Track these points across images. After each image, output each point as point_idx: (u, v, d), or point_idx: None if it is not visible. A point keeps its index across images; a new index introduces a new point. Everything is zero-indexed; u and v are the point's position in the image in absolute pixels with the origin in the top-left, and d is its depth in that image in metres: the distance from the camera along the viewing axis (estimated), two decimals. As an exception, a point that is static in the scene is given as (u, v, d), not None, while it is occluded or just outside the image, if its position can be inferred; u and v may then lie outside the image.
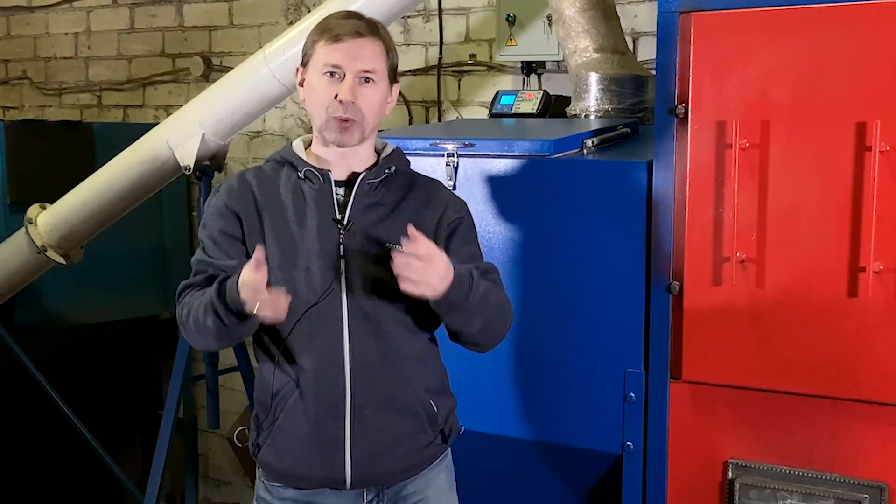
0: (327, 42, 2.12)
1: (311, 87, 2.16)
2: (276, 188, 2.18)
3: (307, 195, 2.16)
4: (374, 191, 2.17)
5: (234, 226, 2.16)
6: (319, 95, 2.14)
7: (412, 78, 4.34)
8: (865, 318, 2.19)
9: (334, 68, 2.11)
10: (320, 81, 2.13)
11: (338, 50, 2.11)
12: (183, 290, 2.19)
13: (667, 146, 2.36)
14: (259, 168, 2.25)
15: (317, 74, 2.13)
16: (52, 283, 4.10)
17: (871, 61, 2.15)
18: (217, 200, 2.20)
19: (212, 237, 2.18)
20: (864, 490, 2.26)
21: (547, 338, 2.59)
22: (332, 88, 2.12)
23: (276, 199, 2.17)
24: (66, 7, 5.35)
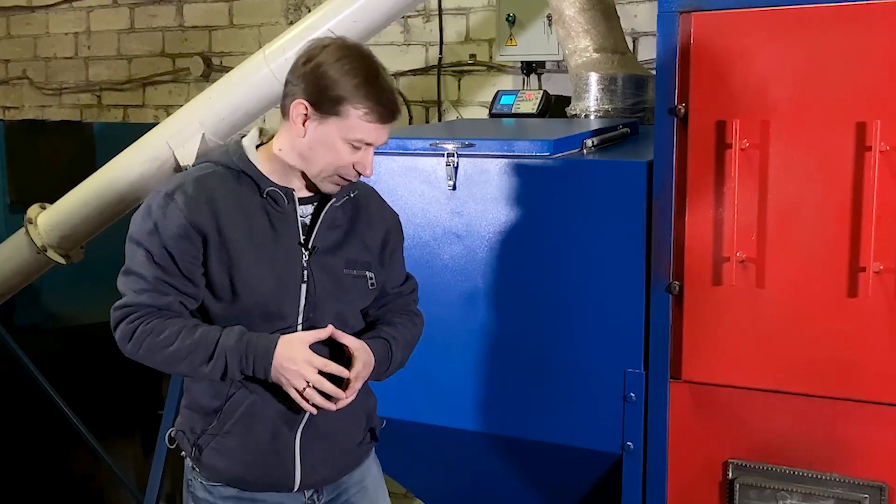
0: (372, 119, 2.03)
1: (327, 145, 2.06)
2: (237, 205, 2.09)
3: (271, 216, 2.11)
4: (333, 214, 2.18)
5: (197, 248, 2.07)
6: (338, 158, 2.07)
7: (412, 78, 4.34)
8: (865, 318, 2.19)
9: (367, 146, 2.07)
10: (343, 147, 2.06)
11: (379, 131, 2.06)
12: (134, 309, 2.10)
13: (667, 146, 2.36)
14: (215, 176, 2.12)
15: (342, 139, 2.05)
16: (52, 283, 4.09)
17: (871, 61, 2.14)
18: (178, 215, 2.06)
19: (173, 257, 2.07)
20: (864, 490, 2.26)
21: (547, 338, 2.59)
22: (352, 157, 2.07)
23: (238, 218, 2.09)
24: (66, 7, 5.35)
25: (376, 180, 2.75)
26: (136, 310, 2.10)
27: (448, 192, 2.66)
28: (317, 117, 2.05)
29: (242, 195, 2.11)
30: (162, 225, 2.07)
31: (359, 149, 2.08)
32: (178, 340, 2.07)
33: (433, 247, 2.69)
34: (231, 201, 2.09)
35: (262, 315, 2.12)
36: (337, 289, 2.18)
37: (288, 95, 2.10)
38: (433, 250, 2.69)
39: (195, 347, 2.07)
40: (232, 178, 2.12)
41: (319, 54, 2.07)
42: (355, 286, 2.22)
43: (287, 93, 2.11)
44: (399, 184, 2.72)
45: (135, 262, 2.10)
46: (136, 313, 2.10)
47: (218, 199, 2.08)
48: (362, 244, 2.23)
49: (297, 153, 2.10)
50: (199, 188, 2.09)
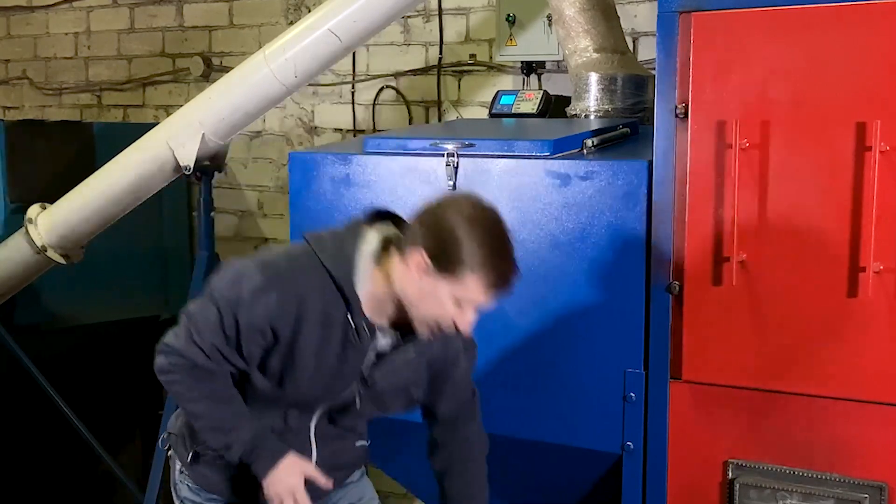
0: (489, 289, 2.04)
1: (436, 299, 2.06)
2: (322, 321, 2.11)
3: (346, 343, 2.13)
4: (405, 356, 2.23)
5: (266, 342, 2.11)
6: (442, 313, 2.08)
7: (412, 78, 4.34)
8: (865, 318, 2.19)
9: (473, 303, 2.08)
10: (451, 304, 2.06)
11: (492, 297, 2.08)
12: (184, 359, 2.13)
13: (667, 146, 2.36)
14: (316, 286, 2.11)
15: (452, 299, 2.05)
16: (52, 283, 4.09)
17: (871, 61, 2.15)
18: (263, 311, 2.07)
19: (240, 339, 2.10)
20: (864, 490, 2.26)
21: (547, 338, 2.59)
22: (454, 313, 2.08)
23: (316, 332, 2.12)
24: (66, 7, 5.34)
25: (377, 180, 2.76)
26: (181, 359, 2.13)
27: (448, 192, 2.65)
28: (433, 272, 2.03)
29: (331, 314, 2.12)
30: (246, 308, 2.08)
31: (464, 308, 2.08)
32: (205, 405, 2.15)
33: (433, 247, 2.68)
34: (318, 316, 2.11)
35: (294, 405, 2.21)
36: (377, 406, 2.27)
37: (409, 237, 2.08)
38: (433, 250, 2.69)
39: (215, 421, 2.16)
40: (331, 294, 2.11)
41: (451, 212, 2.05)
42: (397, 402, 2.30)
43: (409, 233, 2.09)
44: (399, 184, 2.72)
45: (204, 317, 2.12)
46: (181, 361, 2.13)
47: (307, 310, 2.09)
48: (419, 372, 2.26)
49: (403, 292, 2.10)
50: (295, 293, 2.09)
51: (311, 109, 4.62)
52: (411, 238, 2.07)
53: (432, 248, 2.02)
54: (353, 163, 2.79)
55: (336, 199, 2.80)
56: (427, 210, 2.09)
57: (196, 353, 2.11)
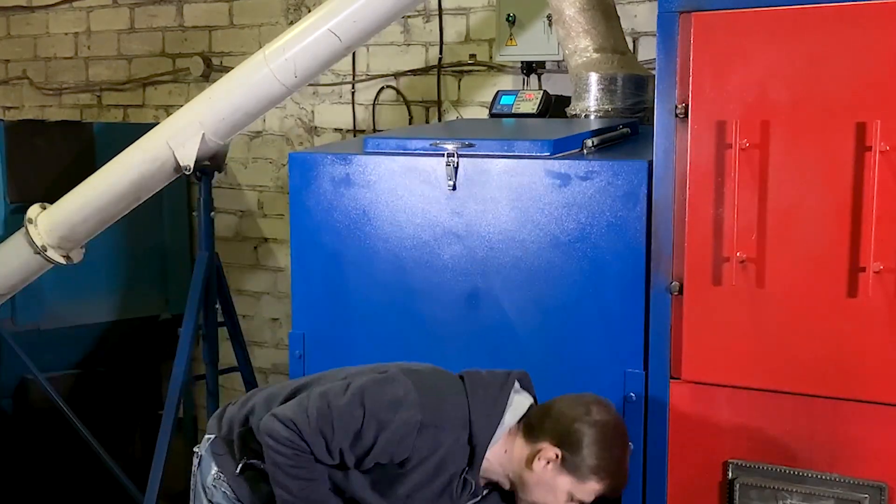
0: (604, 489, 2.20)
1: (552, 490, 2.20)
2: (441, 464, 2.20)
3: (447, 490, 2.22)
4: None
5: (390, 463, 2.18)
6: (553, 501, 2.22)
7: (412, 78, 4.34)
8: (865, 318, 2.19)
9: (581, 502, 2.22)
10: (563, 496, 2.21)
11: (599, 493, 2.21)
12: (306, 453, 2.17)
13: (667, 146, 2.36)
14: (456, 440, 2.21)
15: (568, 492, 2.20)
16: (52, 283, 4.09)
17: (871, 61, 2.14)
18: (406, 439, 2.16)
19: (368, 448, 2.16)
20: (864, 490, 2.26)
21: (547, 338, 2.59)
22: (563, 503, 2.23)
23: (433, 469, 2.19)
24: (66, 7, 5.34)
25: (377, 180, 2.76)
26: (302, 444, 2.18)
27: (448, 192, 2.66)
28: (559, 468, 2.20)
29: (448, 462, 2.21)
30: (390, 434, 2.16)
31: (572, 501, 2.22)
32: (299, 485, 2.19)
33: (433, 247, 2.69)
34: (440, 459, 2.19)
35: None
36: None
37: (539, 429, 2.23)
38: (433, 250, 2.69)
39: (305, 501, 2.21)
40: (460, 445, 2.21)
41: (583, 416, 2.21)
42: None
43: (539, 425, 2.23)
44: (399, 184, 2.72)
45: (344, 418, 2.16)
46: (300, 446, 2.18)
47: (436, 455, 2.19)
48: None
49: (521, 474, 2.23)
50: (438, 438, 2.19)
51: (311, 109, 4.62)
52: (542, 431, 2.22)
53: (564, 448, 2.18)
54: (353, 163, 2.79)
55: (336, 199, 2.80)
56: (560, 408, 2.24)
57: (319, 446, 2.16)
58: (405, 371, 2.26)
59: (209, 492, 2.35)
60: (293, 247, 2.91)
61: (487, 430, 2.22)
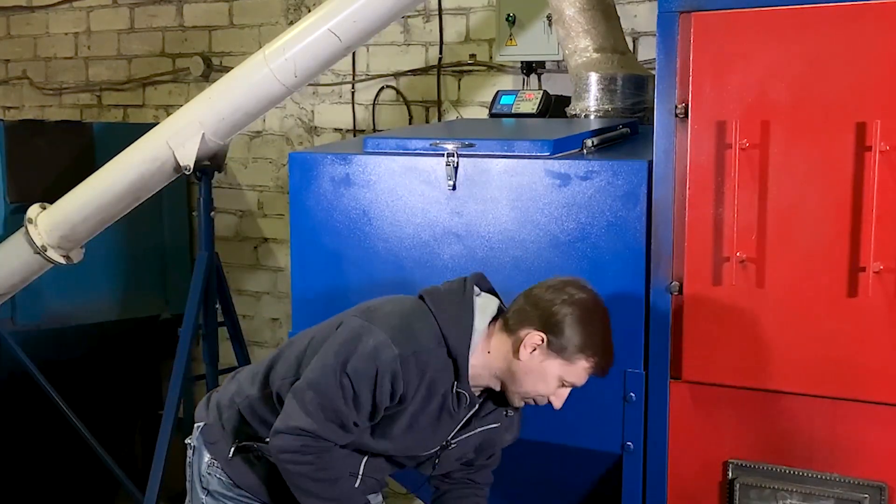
0: (592, 371, 2.22)
1: (542, 376, 2.21)
2: (431, 386, 2.21)
3: (444, 406, 2.23)
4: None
5: (392, 403, 2.19)
6: (545, 389, 2.22)
7: (412, 78, 4.34)
8: (865, 318, 2.19)
9: (573, 385, 2.23)
10: (555, 384, 2.22)
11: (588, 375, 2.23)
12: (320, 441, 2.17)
13: (667, 146, 2.36)
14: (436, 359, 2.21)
15: (558, 377, 2.21)
16: (52, 283, 4.09)
17: (871, 61, 2.14)
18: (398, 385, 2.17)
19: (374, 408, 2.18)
20: (864, 490, 2.26)
21: (547, 338, 2.58)
22: (553, 389, 2.22)
23: (424, 394, 2.21)
24: (66, 7, 5.34)
25: (377, 180, 2.76)
26: (317, 442, 2.17)
27: (448, 192, 2.65)
28: (545, 352, 2.19)
29: (436, 381, 2.21)
30: (381, 380, 2.15)
31: (564, 386, 2.22)
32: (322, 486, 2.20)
33: (433, 247, 2.69)
34: (430, 382, 2.20)
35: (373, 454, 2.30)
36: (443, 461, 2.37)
37: (521, 317, 2.22)
38: (433, 250, 2.69)
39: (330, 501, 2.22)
40: (443, 361, 2.21)
41: (563, 298, 2.21)
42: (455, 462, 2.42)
43: (522, 316, 2.22)
44: (399, 184, 2.72)
45: (336, 393, 2.15)
46: (317, 445, 2.17)
47: (424, 380, 2.19)
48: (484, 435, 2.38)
49: (509, 369, 2.23)
50: (420, 366, 2.18)
51: (311, 109, 4.62)
52: (524, 319, 2.20)
53: (550, 333, 2.18)
54: (353, 163, 2.79)
55: (336, 199, 2.80)
56: (537, 294, 2.24)
57: (335, 432, 2.17)
58: (364, 314, 2.25)
59: (204, 480, 2.34)
60: (293, 247, 2.91)
61: (463, 339, 2.20)
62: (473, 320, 2.23)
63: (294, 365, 2.28)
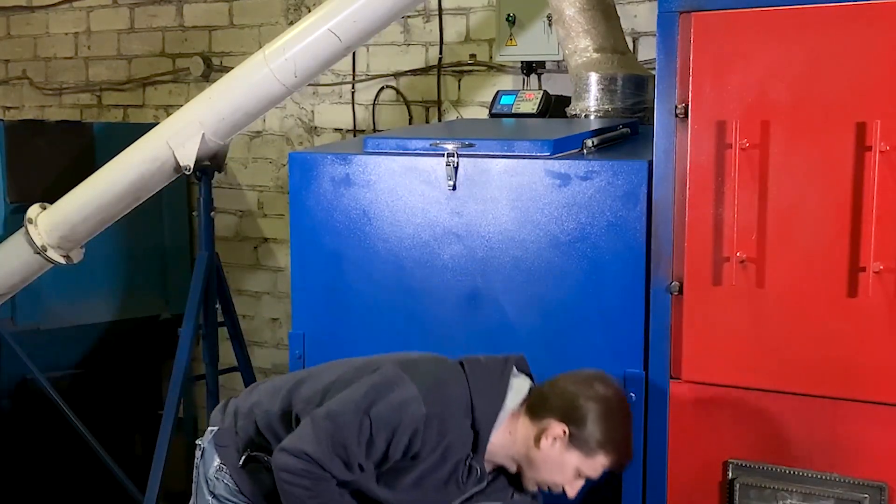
0: (612, 464, 2.24)
1: (560, 467, 2.23)
2: (447, 449, 2.20)
3: (453, 475, 2.22)
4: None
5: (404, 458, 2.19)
6: (561, 480, 2.24)
7: (412, 78, 4.34)
8: (865, 318, 2.19)
9: (588, 477, 2.25)
10: (571, 473, 2.23)
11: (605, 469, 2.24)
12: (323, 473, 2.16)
13: (667, 146, 2.36)
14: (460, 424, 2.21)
15: (573, 467, 2.22)
16: (52, 283, 4.09)
17: (871, 61, 2.14)
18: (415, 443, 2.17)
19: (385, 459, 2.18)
20: (864, 490, 2.26)
21: (547, 338, 2.59)
22: (569, 480, 2.23)
23: (438, 456, 2.20)
24: (66, 7, 5.34)
25: (377, 180, 2.76)
26: (320, 471, 2.16)
27: (448, 192, 2.66)
28: (566, 444, 2.21)
29: (457, 448, 2.21)
30: (400, 434, 2.16)
31: (580, 478, 2.24)
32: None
33: (433, 247, 2.69)
34: (446, 445, 2.20)
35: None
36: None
37: (548, 409, 2.24)
38: (433, 250, 2.69)
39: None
40: (466, 431, 2.22)
41: (588, 392, 2.24)
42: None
43: (544, 403, 2.25)
44: (399, 184, 2.72)
45: (352, 431, 2.15)
46: (318, 474, 2.16)
47: (442, 444, 2.20)
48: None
49: (528, 455, 2.24)
50: (443, 430, 2.19)
51: (311, 109, 4.62)
52: (549, 408, 2.23)
53: (570, 424, 2.20)
54: (353, 163, 2.79)
55: (336, 199, 2.80)
56: (563, 385, 2.27)
57: (338, 468, 2.16)
58: (402, 365, 2.26)
59: (211, 483, 2.34)
60: (293, 247, 2.91)
61: (490, 415, 2.23)
62: (505, 399, 2.26)
63: (320, 392, 2.29)
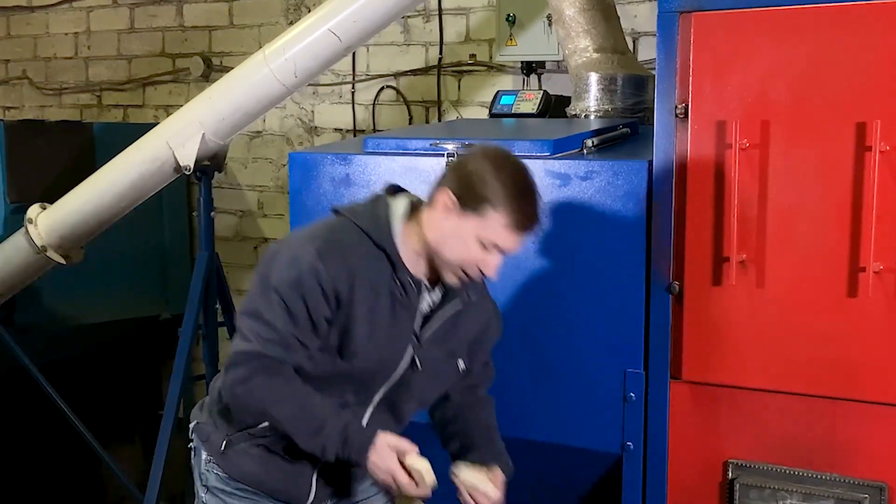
0: (511, 228, 2.07)
1: (461, 239, 2.10)
2: (370, 282, 2.13)
3: (395, 300, 2.16)
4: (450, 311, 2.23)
5: (331, 310, 2.11)
6: (467, 255, 2.11)
7: (412, 78, 4.34)
8: (865, 318, 2.19)
9: (499, 251, 2.10)
10: (476, 247, 2.10)
11: (514, 240, 2.10)
12: (262, 359, 2.10)
13: (667, 146, 2.36)
14: (359, 248, 2.14)
15: (476, 239, 2.09)
16: (52, 283, 4.09)
17: (871, 61, 2.15)
18: (324, 278, 2.08)
19: (310, 314, 2.10)
20: (864, 490, 2.26)
21: (547, 338, 2.59)
22: (481, 257, 2.10)
23: (367, 294, 2.13)
24: (66, 7, 5.35)
25: (377, 180, 2.76)
26: (261, 360, 2.10)
27: (448, 192, 2.65)
28: (458, 210, 2.09)
29: (377, 274, 2.15)
30: (307, 282, 2.08)
31: (488, 251, 2.11)
32: (291, 407, 2.11)
33: (433, 247, 2.68)
34: (366, 278, 2.13)
35: (350, 381, 2.18)
36: (433, 376, 2.24)
37: (437, 183, 2.16)
38: (433, 250, 2.69)
39: (302, 422, 2.12)
40: (373, 255, 2.15)
41: (478, 157, 2.13)
42: (448, 373, 2.28)
43: (437, 184, 2.16)
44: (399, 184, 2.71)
45: (268, 311, 2.10)
46: (261, 363, 2.10)
47: (356, 273, 2.11)
48: (463, 335, 2.27)
49: (433, 239, 2.14)
50: (344, 257, 2.12)
51: (311, 109, 4.62)
52: (439, 183, 2.13)
53: (458, 189, 2.08)
54: (352, 163, 2.79)
55: (336, 199, 2.80)
56: (456, 161, 2.22)
57: (274, 349, 2.10)
58: (279, 241, 2.23)
59: (203, 477, 2.32)
60: (293, 247, 2.91)
61: (384, 228, 2.15)
62: (389, 209, 2.18)
63: None
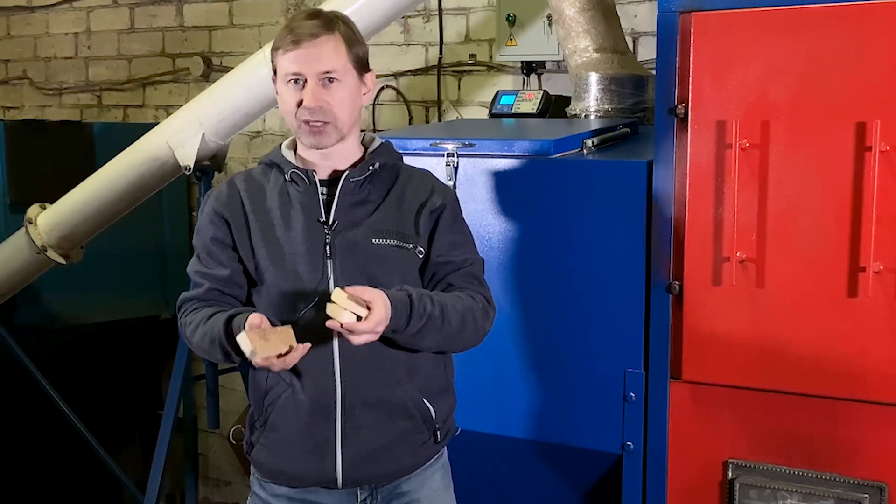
0: (285, 51, 2.12)
1: (280, 96, 2.18)
2: (263, 192, 2.20)
3: (293, 197, 2.18)
4: (359, 188, 2.18)
5: (224, 232, 2.20)
6: (287, 104, 2.16)
7: (412, 78, 4.34)
8: (865, 318, 2.19)
9: (295, 76, 2.12)
10: (286, 90, 2.15)
11: (295, 58, 2.11)
12: (183, 304, 2.24)
13: (667, 146, 2.36)
14: (249, 172, 2.27)
15: (282, 84, 2.15)
16: (52, 283, 4.10)
17: (871, 61, 2.15)
18: (207, 207, 2.24)
19: (205, 246, 2.22)
20: (864, 490, 2.26)
21: (547, 337, 2.59)
22: (296, 95, 2.13)
23: (263, 202, 2.19)
24: (66, 7, 5.35)
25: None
26: (184, 306, 2.24)
27: (448, 192, 2.65)
28: (274, 78, 2.19)
29: (269, 181, 2.22)
30: (200, 222, 2.25)
31: (298, 84, 2.13)
32: (199, 330, 2.16)
33: (433, 247, 2.68)
34: (257, 189, 2.21)
35: (293, 293, 2.14)
36: (367, 261, 2.14)
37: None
38: (433, 250, 2.69)
39: (204, 335, 2.14)
40: (265, 170, 2.25)
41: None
42: (391, 256, 2.17)
43: None
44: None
45: (191, 266, 2.25)
46: (184, 307, 2.24)
47: (248, 190, 2.21)
48: (396, 214, 2.19)
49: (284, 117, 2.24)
50: (230, 184, 2.24)
51: (311, 109, 4.61)
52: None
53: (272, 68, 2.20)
54: (353, 163, 2.79)
55: (336, 199, 2.80)
56: None
57: (191, 292, 2.22)
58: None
59: (252, 483, 2.31)
60: (293, 247, 2.91)
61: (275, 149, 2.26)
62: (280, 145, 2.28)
63: None
